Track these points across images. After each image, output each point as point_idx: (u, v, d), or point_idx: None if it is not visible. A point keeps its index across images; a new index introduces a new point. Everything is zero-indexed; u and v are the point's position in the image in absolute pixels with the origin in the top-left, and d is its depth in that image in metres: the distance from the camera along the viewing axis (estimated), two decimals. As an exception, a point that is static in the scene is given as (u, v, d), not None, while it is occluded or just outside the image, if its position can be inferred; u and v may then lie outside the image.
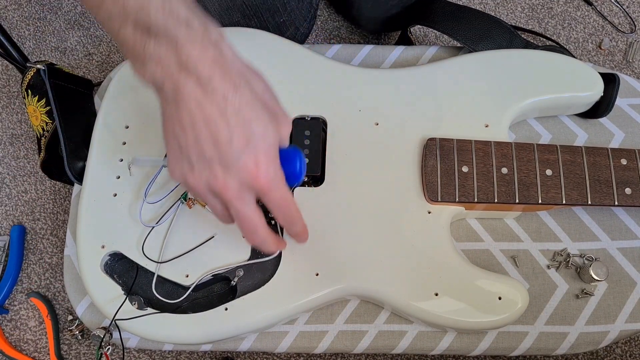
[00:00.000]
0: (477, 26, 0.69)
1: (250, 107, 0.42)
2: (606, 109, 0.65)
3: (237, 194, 0.44)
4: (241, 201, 0.45)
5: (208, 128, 0.41)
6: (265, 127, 0.43)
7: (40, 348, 0.79)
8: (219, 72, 0.41)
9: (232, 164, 0.42)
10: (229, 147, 0.41)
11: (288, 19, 0.76)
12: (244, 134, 0.41)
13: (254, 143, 0.42)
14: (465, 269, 0.57)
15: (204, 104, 0.40)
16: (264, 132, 0.42)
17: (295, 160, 0.47)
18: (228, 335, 0.57)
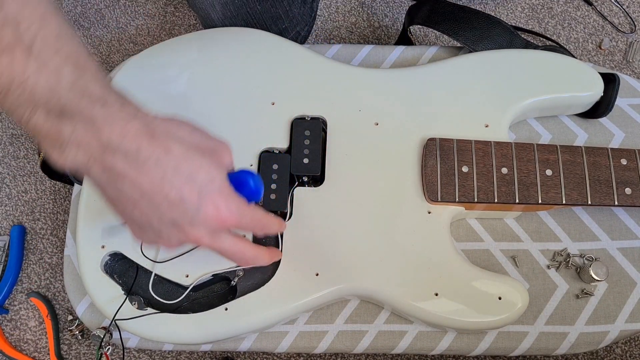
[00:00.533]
0: (477, 26, 0.69)
1: (186, 159, 0.42)
2: (606, 109, 0.65)
3: (212, 239, 0.45)
4: (218, 242, 0.46)
5: (156, 196, 0.41)
6: (207, 171, 0.43)
7: (40, 348, 0.79)
8: (145, 141, 0.40)
9: (194, 218, 0.43)
10: (183, 205, 0.42)
11: (290, 25, 0.77)
12: (192, 187, 0.42)
13: (205, 191, 0.42)
14: (465, 269, 0.57)
15: (141, 176, 0.40)
16: (208, 176, 0.43)
17: (248, 181, 0.48)
18: (228, 335, 0.57)
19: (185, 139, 0.43)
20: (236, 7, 0.70)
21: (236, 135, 0.63)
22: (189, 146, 0.43)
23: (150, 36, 0.99)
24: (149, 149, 0.40)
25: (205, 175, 0.42)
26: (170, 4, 1.01)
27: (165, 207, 0.41)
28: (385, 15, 0.99)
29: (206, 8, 0.70)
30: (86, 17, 1.00)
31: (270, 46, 0.67)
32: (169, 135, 0.42)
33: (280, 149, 0.63)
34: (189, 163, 0.42)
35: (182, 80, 0.66)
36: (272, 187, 0.60)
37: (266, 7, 0.71)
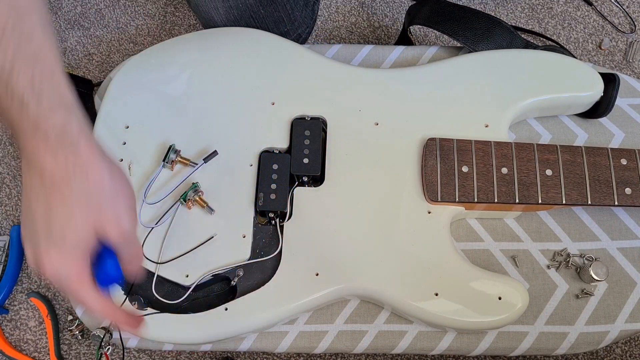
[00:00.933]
0: (477, 26, 0.69)
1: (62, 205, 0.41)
2: (606, 109, 0.65)
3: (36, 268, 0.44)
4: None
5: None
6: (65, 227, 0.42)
7: (40, 348, 0.79)
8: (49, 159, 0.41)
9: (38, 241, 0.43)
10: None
11: (292, 28, 0.77)
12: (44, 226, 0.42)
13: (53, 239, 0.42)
14: (465, 269, 0.57)
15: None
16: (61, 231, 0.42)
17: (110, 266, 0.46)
18: (228, 335, 0.57)
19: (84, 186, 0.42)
20: (240, 11, 0.70)
21: (236, 135, 0.63)
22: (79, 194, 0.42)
23: (150, 36, 0.99)
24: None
25: (59, 228, 0.42)
26: (170, 4, 1.01)
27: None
28: (385, 15, 0.99)
29: (209, 12, 0.70)
30: (86, 17, 1.00)
31: (271, 46, 0.67)
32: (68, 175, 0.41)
33: (280, 149, 0.63)
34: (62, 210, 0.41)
35: (182, 80, 0.66)
36: (272, 187, 0.60)
37: (269, 11, 0.71)
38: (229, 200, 0.60)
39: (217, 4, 0.69)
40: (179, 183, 0.60)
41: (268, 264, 0.59)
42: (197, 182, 0.60)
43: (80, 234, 0.43)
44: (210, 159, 0.61)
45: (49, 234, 0.42)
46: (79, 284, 0.44)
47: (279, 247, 0.58)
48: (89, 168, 0.42)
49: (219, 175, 0.62)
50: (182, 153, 0.62)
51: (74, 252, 0.43)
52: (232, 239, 0.59)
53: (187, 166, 0.62)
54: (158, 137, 0.63)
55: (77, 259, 0.43)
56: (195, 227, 0.59)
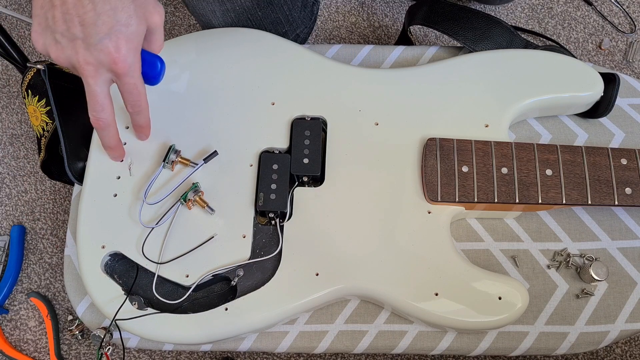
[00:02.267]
0: (477, 26, 0.69)
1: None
2: (606, 108, 0.65)
3: (93, 72, 0.48)
4: (95, 79, 0.49)
5: (76, 9, 0.45)
6: (129, 16, 0.47)
7: (40, 348, 0.79)
8: None
9: (94, 44, 0.46)
10: (93, 28, 0.46)
11: (290, 29, 0.77)
12: (109, 20, 0.46)
13: (117, 29, 0.47)
14: (465, 269, 0.57)
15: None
16: (127, 20, 0.47)
17: (156, 63, 0.53)
18: (228, 335, 0.57)
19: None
20: (237, 13, 0.70)
21: (236, 135, 0.63)
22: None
23: (150, 36, 0.99)
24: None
25: (125, 17, 0.47)
26: (170, 4, 1.01)
27: (76, 22, 0.45)
28: (385, 15, 0.99)
29: (207, 15, 0.70)
30: (86, 17, 1.00)
31: (271, 46, 0.67)
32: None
33: (280, 149, 0.63)
34: (118, 0, 0.46)
35: (182, 80, 0.66)
36: (272, 187, 0.60)
37: (267, 13, 0.71)
38: (229, 200, 0.60)
39: (214, 7, 0.69)
40: (179, 183, 0.60)
41: (268, 264, 0.59)
42: (197, 182, 0.60)
43: (141, 21, 0.48)
44: (211, 159, 0.61)
45: (116, 25, 0.46)
46: (140, 73, 0.51)
47: (279, 247, 0.58)
48: None
49: (219, 175, 0.62)
50: (182, 153, 0.62)
51: (137, 39, 0.48)
52: (232, 239, 0.59)
53: (187, 166, 0.62)
54: (158, 137, 0.63)
55: (139, 48, 0.49)
56: (195, 227, 0.59)
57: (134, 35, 0.48)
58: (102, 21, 0.46)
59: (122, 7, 0.47)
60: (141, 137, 0.61)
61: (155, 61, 0.53)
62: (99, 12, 0.45)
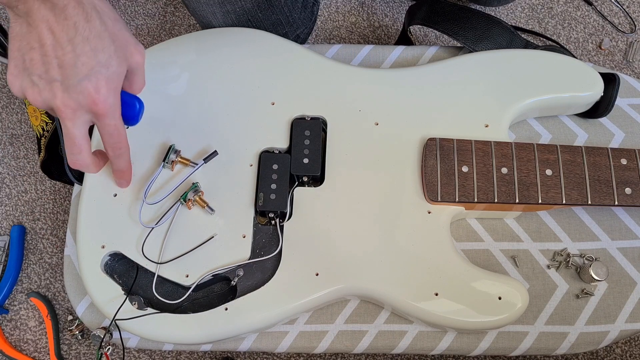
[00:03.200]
0: (477, 26, 0.69)
1: (98, 37, 0.46)
2: (606, 109, 0.65)
3: (72, 115, 0.47)
4: (73, 122, 0.48)
5: (55, 50, 0.44)
6: (109, 57, 0.47)
7: (40, 348, 0.79)
8: (73, 3, 0.44)
9: (73, 85, 0.46)
10: (72, 70, 0.45)
11: (290, 30, 0.77)
12: (89, 61, 0.45)
13: (97, 70, 0.46)
14: (465, 269, 0.57)
15: (55, 29, 0.44)
16: (107, 61, 0.46)
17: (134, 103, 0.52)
18: (228, 335, 0.57)
19: (107, 22, 0.47)
20: (237, 15, 0.70)
21: (236, 135, 0.63)
22: (106, 27, 0.46)
23: (150, 36, 0.99)
24: (73, 11, 0.44)
25: (106, 57, 0.46)
26: (170, 4, 1.01)
27: (55, 64, 0.45)
28: (385, 15, 0.99)
29: (207, 16, 0.70)
30: (86, 17, 1.00)
31: (270, 46, 0.67)
32: (94, 10, 0.46)
33: (280, 149, 0.63)
34: (99, 40, 0.46)
35: (182, 80, 0.66)
36: (272, 187, 0.60)
37: (267, 14, 0.71)
38: (229, 200, 0.60)
39: (214, 9, 0.69)
40: (179, 183, 0.60)
41: (268, 263, 0.59)
42: (197, 182, 0.60)
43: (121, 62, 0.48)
44: (211, 159, 0.61)
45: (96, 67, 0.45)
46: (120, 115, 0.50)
47: (279, 247, 0.58)
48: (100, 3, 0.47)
49: (219, 175, 0.62)
50: (182, 153, 0.62)
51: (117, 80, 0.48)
52: (232, 239, 0.59)
53: (187, 166, 0.62)
54: (158, 137, 0.63)
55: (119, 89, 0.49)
56: (195, 227, 0.59)
57: (115, 76, 0.47)
58: (82, 62, 0.45)
59: (103, 48, 0.46)
60: (122, 183, 0.59)
61: (133, 102, 0.52)
62: (79, 54, 0.45)
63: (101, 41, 0.46)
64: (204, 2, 0.68)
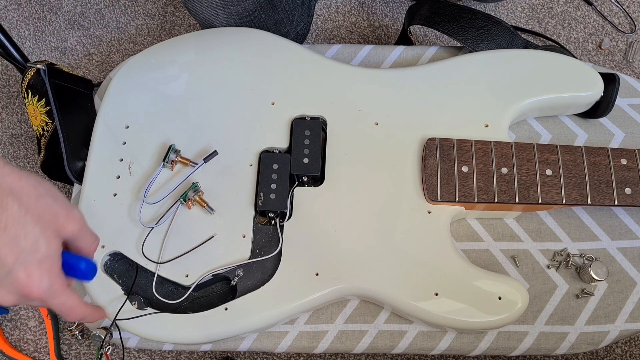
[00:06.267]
0: (477, 26, 0.69)
1: (18, 223, 0.42)
2: (606, 109, 0.65)
3: (17, 300, 0.44)
4: (25, 303, 0.45)
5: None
6: (34, 241, 0.43)
7: (40, 348, 0.79)
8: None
9: (2, 279, 0.42)
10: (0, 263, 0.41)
11: (291, 28, 0.77)
12: (11, 251, 0.42)
13: (23, 258, 0.42)
14: (465, 269, 0.57)
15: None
16: (33, 245, 0.43)
17: (79, 265, 0.48)
18: (228, 335, 0.57)
19: (27, 202, 0.43)
20: (240, 17, 0.70)
21: (236, 135, 0.63)
22: (27, 210, 0.43)
23: (150, 36, 0.99)
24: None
25: (30, 243, 0.42)
26: (170, 4, 1.01)
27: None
28: (385, 15, 0.99)
29: (211, 19, 0.70)
30: (86, 17, 1.00)
31: (270, 46, 0.67)
32: (10, 194, 0.42)
33: (280, 149, 0.63)
34: (19, 226, 0.42)
35: (182, 80, 0.66)
36: (272, 187, 0.60)
37: (269, 15, 0.71)
38: (229, 200, 0.60)
39: (217, 11, 0.69)
40: (179, 183, 0.60)
41: (268, 263, 0.59)
42: (197, 182, 0.60)
43: (51, 241, 0.44)
44: (210, 158, 0.61)
45: (21, 255, 0.42)
46: (63, 291, 0.45)
47: (279, 246, 0.58)
48: (19, 184, 0.43)
49: (219, 175, 0.62)
50: (182, 153, 0.62)
51: (50, 260, 0.44)
52: (232, 238, 0.59)
53: (187, 166, 0.62)
54: (158, 137, 0.63)
55: (55, 267, 0.44)
56: (195, 227, 0.59)
57: (45, 258, 0.43)
58: (4, 254, 0.41)
59: (25, 234, 0.42)
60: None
61: (78, 264, 0.48)
62: (0, 245, 0.41)
63: (22, 227, 0.42)
64: (207, 5, 0.68)
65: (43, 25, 0.99)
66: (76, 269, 0.48)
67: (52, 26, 0.99)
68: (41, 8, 1.01)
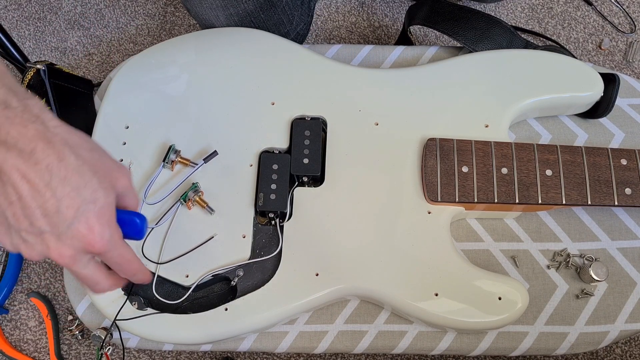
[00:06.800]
0: (477, 26, 0.69)
1: (77, 173, 0.41)
2: (606, 109, 0.65)
3: (72, 261, 0.44)
4: (77, 266, 0.44)
5: (35, 200, 0.40)
6: (94, 191, 0.42)
7: (40, 348, 0.79)
8: (41, 145, 0.40)
9: (63, 232, 0.42)
10: (57, 217, 0.41)
11: (291, 28, 0.77)
12: (73, 202, 0.41)
13: (84, 208, 0.42)
14: (465, 269, 0.57)
15: (29, 176, 0.40)
16: (93, 196, 0.42)
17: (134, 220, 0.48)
18: (228, 335, 0.57)
19: (82, 154, 0.43)
20: (240, 17, 0.70)
21: (236, 135, 0.63)
22: (84, 161, 0.42)
23: (150, 36, 0.99)
24: (43, 154, 0.40)
25: (90, 193, 0.42)
26: (170, 4, 1.01)
27: (38, 214, 0.41)
28: (385, 15, 0.99)
29: (211, 19, 0.70)
30: (86, 17, 1.00)
31: (270, 46, 0.67)
32: (66, 145, 0.42)
33: (280, 149, 0.63)
34: (79, 177, 0.41)
35: (182, 80, 0.66)
36: (272, 187, 0.60)
37: (269, 15, 0.71)
38: (229, 200, 0.60)
39: (217, 12, 0.69)
40: (179, 183, 0.60)
41: (268, 264, 0.59)
42: (197, 182, 0.60)
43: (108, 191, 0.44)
44: (210, 159, 0.61)
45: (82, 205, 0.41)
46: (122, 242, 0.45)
47: (279, 247, 0.58)
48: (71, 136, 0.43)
49: (219, 175, 0.62)
50: (182, 153, 0.62)
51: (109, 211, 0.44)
52: (232, 239, 0.59)
53: (187, 166, 0.62)
54: (158, 137, 0.63)
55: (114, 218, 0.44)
56: (195, 227, 0.59)
57: (105, 209, 0.43)
58: (66, 205, 0.41)
59: (85, 184, 0.42)
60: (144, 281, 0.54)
61: (133, 219, 0.48)
62: (60, 197, 0.41)
63: (81, 177, 0.42)
64: (207, 6, 0.68)
65: (43, 25, 0.99)
66: (130, 225, 0.47)
67: (52, 26, 0.99)
68: (41, 8, 1.01)
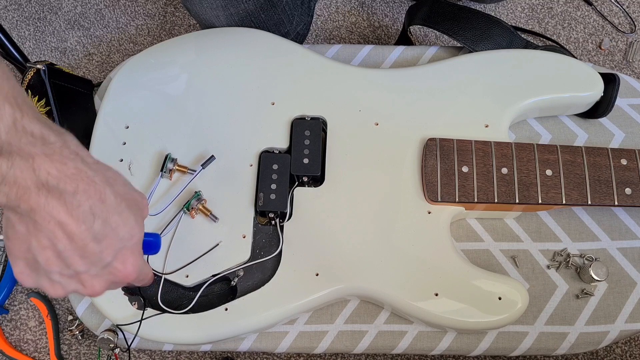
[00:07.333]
0: (477, 26, 0.69)
1: (117, 214, 0.41)
2: (606, 109, 0.65)
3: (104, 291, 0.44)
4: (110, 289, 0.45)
5: (74, 245, 0.39)
6: (131, 228, 0.42)
7: (40, 348, 0.79)
8: (82, 185, 0.39)
9: (100, 272, 0.42)
10: (97, 257, 0.40)
11: (291, 28, 0.77)
12: (113, 243, 0.41)
13: (121, 247, 0.42)
14: (465, 269, 0.57)
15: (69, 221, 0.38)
16: (129, 233, 0.42)
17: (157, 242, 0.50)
18: (228, 335, 0.57)
19: (118, 190, 0.42)
20: (241, 17, 0.70)
21: (236, 135, 0.63)
22: (121, 198, 0.42)
23: (150, 36, 0.99)
24: (85, 194, 0.39)
25: (128, 231, 0.42)
26: (170, 4, 1.01)
27: (76, 257, 0.40)
28: (385, 15, 0.99)
29: (211, 19, 0.70)
30: (86, 17, 1.00)
31: (270, 46, 0.67)
32: (106, 183, 0.41)
33: (280, 149, 0.63)
34: (118, 217, 0.41)
35: (182, 80, 0.66)
36: (272, 187, 0.60)
37: (269, 15, 0.71)
38: (229, 201, 0.60)
39: (218, 12, 0.69)
40: (179, 192, 0.60)
41: (268, 264, 0.59)
42: (199, 190, 0.60)
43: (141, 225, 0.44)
44: (208, 164, 0.61)
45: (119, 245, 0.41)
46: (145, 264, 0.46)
47: (279, 247, 0.58)
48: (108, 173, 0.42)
49: (219, 175, 0.62)
50: (179, 160, 0.62)
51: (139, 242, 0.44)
52: (233, 239, 0.59)
53: (185, 174, 0.61)
54: (158, 137, 0.63)
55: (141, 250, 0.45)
56: (197, 233, 0.59)
57: (138, 244, 0.44)
58: (106, 246, 0.40)
59: (124, 223, 0.41)
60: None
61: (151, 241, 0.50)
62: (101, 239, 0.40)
63: (120, 216, 0.41)
64: (207, 7, 0.68)
65: (43, 25, 0.99)
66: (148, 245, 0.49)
67: (52, 26, 0.99)
68: (41, 8, 1.01)
